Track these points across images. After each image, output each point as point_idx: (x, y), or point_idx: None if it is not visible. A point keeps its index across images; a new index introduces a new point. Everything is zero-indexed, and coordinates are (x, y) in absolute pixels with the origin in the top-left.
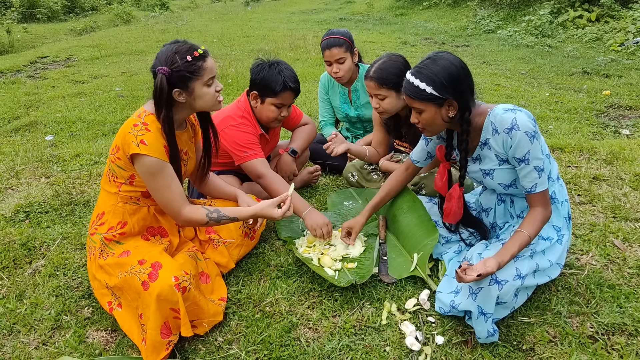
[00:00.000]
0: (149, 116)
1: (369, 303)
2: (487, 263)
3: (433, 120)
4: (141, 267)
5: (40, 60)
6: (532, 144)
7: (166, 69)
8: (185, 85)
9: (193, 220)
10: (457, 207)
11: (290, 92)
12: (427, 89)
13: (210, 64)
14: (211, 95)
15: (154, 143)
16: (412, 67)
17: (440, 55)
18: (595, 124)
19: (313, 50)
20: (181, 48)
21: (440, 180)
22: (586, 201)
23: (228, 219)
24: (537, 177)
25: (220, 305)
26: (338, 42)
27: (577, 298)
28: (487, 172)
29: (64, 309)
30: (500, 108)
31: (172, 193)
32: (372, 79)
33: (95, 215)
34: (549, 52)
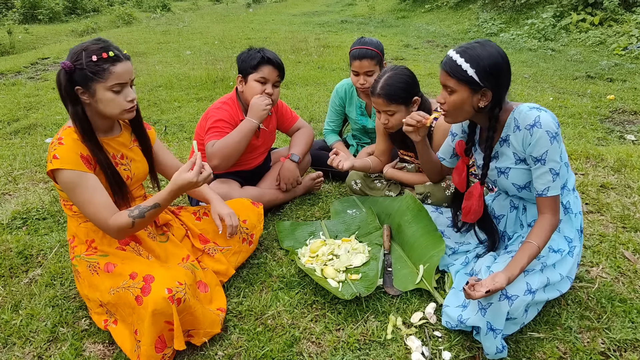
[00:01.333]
0: (65, 130)
1: (373, 316)
2: (496, 278)
3: (461, 105)
4: (133, 282)
5: (41, 62)
6: (551, 144)
7: (68, 64)
8: (86, 84)
9: (120, 227)
10: (478, 205)
11: (270, 65)
12: (469, 71)
13: (121, 69)
14: (115, 102)
15: (66, 154)
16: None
17: (489, 42)
18: (600, 129)
19: (315, 52)
20: (92, 46)
21: (459, 176)
22: (594, 210)
23: (149, 208)
24: (551, 180)
25: (218, 315)
26: (370, 54)
27: (588, 312)
28: (502, 170)
29: (61, 320)
30: (526, 105)
31: (95, 206)
32: (381, 95)
33: (69, 239)
34: (552, 55)
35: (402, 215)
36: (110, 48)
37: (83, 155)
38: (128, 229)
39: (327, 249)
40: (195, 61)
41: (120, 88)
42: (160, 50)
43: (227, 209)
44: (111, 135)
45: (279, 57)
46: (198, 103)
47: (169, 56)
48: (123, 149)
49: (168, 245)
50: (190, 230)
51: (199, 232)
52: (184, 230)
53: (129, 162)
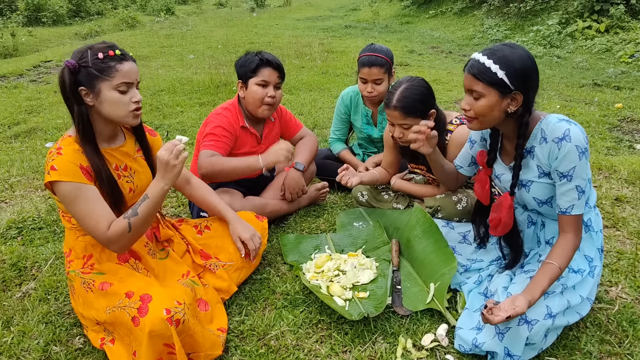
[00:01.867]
0: (65, 139)
1: (382, 337)
2: (516, 302)
3: (490, 110)
4: (130, 301)
5: (43, 65)
6: (580, 160)
7: (72, 62)
8: (91, 84)
9: (118, 233)
10: (508, 217)
11: (270, 67)
12: (499, 73)
13: (127, 68)
14: (121, 103)
15: (64, 165)
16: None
17: (516, 44)
18: (609, 138)
19: (319, 58)
20: (98, 45)
21: (482, 188)
22: (610, 225)
23: (139, 202)
24: (577, 197)
25: (219, 336)
26: (380, 62)
27: (609, 336)
28: (524, 183)
29: (54, 338)
30: (555, 117)
31: (94, 219)
32: (397, 108)
33: (65, 252)
34: (557, 62)
35: (411, 229)
36: (116, 47)
37: (83, 166)
38: (126, 233)
39: (332, 264)
40: (198, 65)
41: (126, 88)
42: (164, 54)
43: (248, 230)
44: (114, 145)
45: (279, 59)
46: (201, 108)
47: (172, 60)
48: (127, 159)
49: (167, 262)
50: (191, 245)
51: (200, 248)
52: (185, 246)
53: (132, 174)
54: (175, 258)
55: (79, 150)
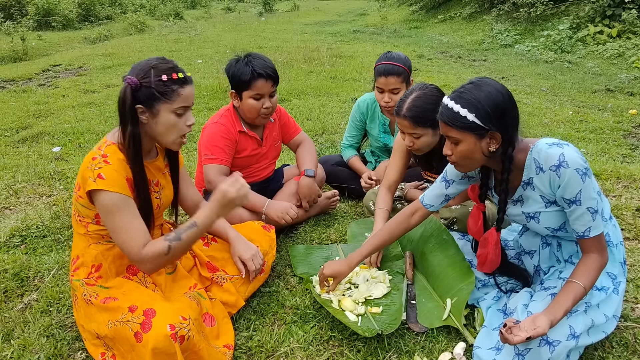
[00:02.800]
0: (109, 147)
1: (396, 356)
2: (537, 322)
3: (470, 154)
4: (133, 316)
5: (52, 69)
6: (583, 182)
7: (134, 80)
8: (150, 104)
9: (155, 253)
10: (494, 254)
11: (262, 79)
12: (469, 116)
13: (188, 92)
14: (176, 127)
15: (113, 176)
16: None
17: (485, 81)
18: (624, 145)
19: (327, 62)
20: (161, 65)
21: (475, 224)
22: (631, 237)
23: (186, 228)
24: (591, 219)
25: (225, 353)
26: (397, 71)
27: (636, 357)
28: (531, 215)
29: (55, 352)
30: (544, 142)
31: (132, 233)
32: (407, 118)
33: (72, 259)
34: (569, 68)
35: (425, 242)
36: (179, 69)
37: (128, 178)
38: (163, 256)
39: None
40: (206, 70)
41: (183, 111)
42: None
43: (249, 250)
44: (149, 159)
45: (270, 62)
46: (209, 113)
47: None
48: (158, 174)
49: (175, 276)
50: (198, 257)
51: (207, 260)
52: (193, 260)
53: (161, 190)
54: (183, 272)
55: (124, 160)
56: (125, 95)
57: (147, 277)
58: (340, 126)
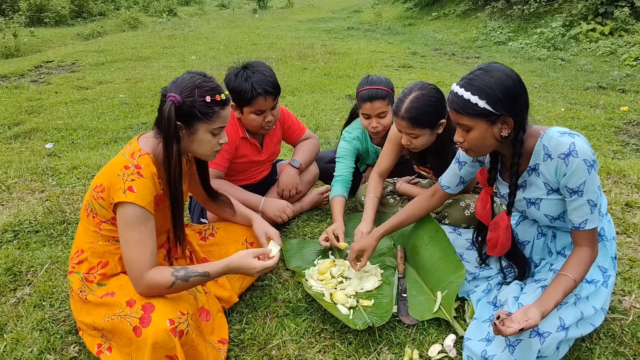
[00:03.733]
0: (144, 158)
1: (387, 348)
2: (529, 314)
3: (482, 140)
4: (131, 310)
5: (45, 65)
6: (589, 174)
7: (178, 98)
8: (190, 123)
9: (156, 284)
10: (505, 238)
11: (262, 97)
12: (480, 103)
13: (227, 113)
14: (211, 145)
15: (144, 191)
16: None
17: (494, 66)
18: (615, 142)
19: (321, 59)
20: (205, 84)
21: (483, 208)
22: (620, 231)
23: (197, 274)
24: (589, 212)
25: (220, 349)
26: (380, 95)
27: (622, 348)
28: (532, 201)
29: (48, 346)
30: (556, 130)
31: (142, 250)
32: (405, 119)
33: (74, 252)
34: (561, 65)
35: (417, 236)
36: (221, 89)
37: (156, 195)
38: (163, 288)
39: (336, 271)
40: (200, 66)
41: (219, 131)
42: (166, 55)
43: (273, 228)
44: None
45: (272, 73)
46: None
47: (174, 61)
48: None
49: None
50: (194, 253)
51: (203, 257)
52: (188, 253)
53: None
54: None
55: (156, 175)
56: (169, 114)
57: None
58: (333, 123)
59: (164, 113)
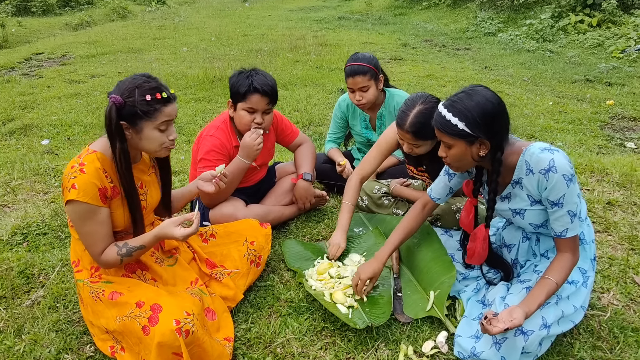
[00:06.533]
0: (89, 155)
1: (384, 344)
2: (514, 314)
3: (462, 157)
4: (140, 311)
5: (35, 57)
6: (568, 187)
7: (119, 99)
8: (134, 121)
9: (110, 262)
10: (482, 249)
11: (258, 94)
12: (459, 125)
13: (170, 110)
14: (159, 140)
15: (85, 187)
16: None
17: (476, 90)
18: (600, 136)
19: (313, 51)
20: (146, 84)
21: (467, 217)
22: (602, 229)
23: (136, 248)
24: (569, 221)
25: (226, 346)
26: (362, 70)
27: (600, 342)
28: (517, 211)
29: (65, 346)
30: (537, 147)
31: (94, 238)
32: (409, 132)
33: (72, 262)
34: (550, 57)
35: (411, 238)
36: (162, 89)
37: (101, 188)
38: (116, 264)
39: (334, 271)
40: (192, 59)
41: (166, 126)
42: (157, 46)
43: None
44: (134, 163)
45: (272, 80)
46: (196, 104)
47: (166, 53)
48: (143, 176)
49: (176, 269)
50: (197, 254)
51: (206, 257)
52: (191, 254)
53: (146, 191)
54: (184, 264)
55: (101, 169)
56: (111, 114)
57: (145, 273)
58: (327, 117)
59: (105, 113)
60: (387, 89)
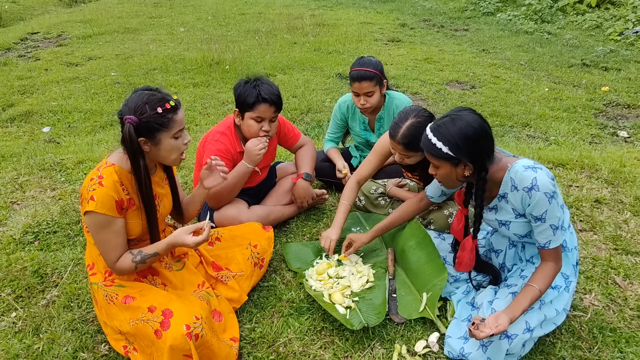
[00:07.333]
0: (107, 169)
1: (379, 344)
2: (499, 320)
3: (448, 177)
4: (152, 315)
5: (30, 37)
6: (550, 204)
7: (134, 119)
8: (151, 135)
9: (124, 269)
10: (469, 258)
11: (266, 104)
12: (443, 149)
13: (181, 116)
14: (177, 148)
15: (103, 199)
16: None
17: (460, 115)
18: (593, 125)
19: (311, 32)
20: (152, 98)
21: (457, 225)
22: (588, 228)
23: (150, 255)
24: (552, 234)
25: (232, 346)
26: (369, 76)
27: (580, 342)
28: (503, 222)
29: (81, 345)
30: (521, 165)
31: (110, 247)
32: (401, 144)
33: (87, 265)
34: (548, 39)
35: (406, 240)
36: (168, 98)
37: (117, 200)
38: (129, 271)
39: (333, 271)
40: (189, 40)
41: (180, 134)
42: (153, 26)
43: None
44: (151, 174)
45: (277, 89)
46: (195, 89)
47: (162, 33)
48: (157, 188)
49: (184, 273)
50: (203, 257)
51: (212, 260)
52: (199, 258)
53: (160, 202)
54: (191, 269)
55: (118, 182)
56: (130, 135)
57: (156, 278)
58: (325, 104)
59: (125, 135)
60: (387, 91)
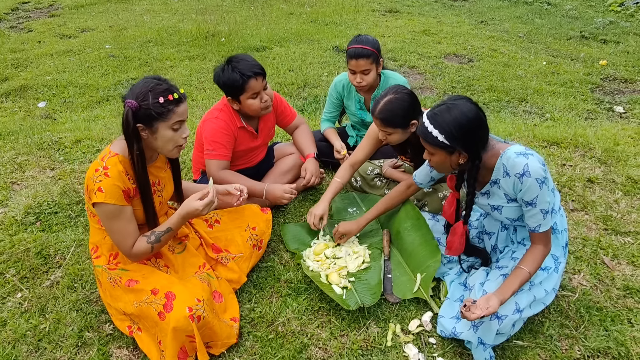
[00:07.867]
0: (111, 159)
1: (374, 323)
2: (490, 302)
3: (443, 164)
4: (155, 298)
5: (21, 7)
6: (541, 189)
7: (134, 103)
8: (149, 123)
9: (141, 254)
10: (459, 243)
11: (252, 79)
12: (439, 137)
13: (182, 109)
14: (173, 140)
15: (111, 189)
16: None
17: (456, 103)
18: (590, 100)
19: (307, 3)
20: (157, 87)
21: (449, 209)
22: (579, 208)
23: (164, 232)
24: (542, 218)
25: (232, 326)
26: (366, 53)
27: (568, 321)
28: (495, 207)
29: (86, 325)
30: (513, 151)
31: (123, 235)
32: (378, 118)
33: (91, 247)
34: (547, 10)
35: (401, 222)
36: (173, 89)
37: (124, 189)
38: (148, 253)
39: (330, 252)
40: (184, 10)
41: (179, 126)
42: None
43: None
44: (150, 163)
45: (252, 59)
46: (190, 62)
47: (156, 3)
48: (160, 173)
49: (185, 255)
50: (203, 239)
51: (212, 242)
52: (199, 240)
53: (162, 187)
54: (192, 251)
55: (123, 172)
56: (127, 118)
57: (159, 261)
58: (322, 78)
59: (123, 118)
60: (383, 71)
